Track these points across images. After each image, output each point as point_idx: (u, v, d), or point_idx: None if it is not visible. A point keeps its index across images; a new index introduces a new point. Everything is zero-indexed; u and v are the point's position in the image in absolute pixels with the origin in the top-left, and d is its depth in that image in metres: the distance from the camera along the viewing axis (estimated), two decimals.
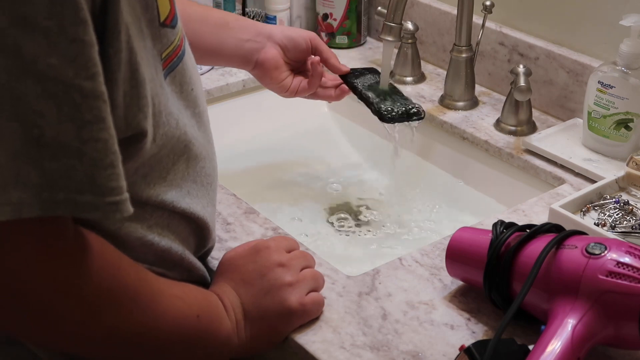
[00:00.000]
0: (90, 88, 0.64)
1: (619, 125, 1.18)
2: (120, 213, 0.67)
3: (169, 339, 0.80)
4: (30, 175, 0.63)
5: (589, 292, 0.79)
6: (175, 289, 0.81)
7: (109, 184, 0.66)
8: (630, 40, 1.14)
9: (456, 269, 0.95)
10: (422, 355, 0.86)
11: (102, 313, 0.73)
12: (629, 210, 1.07)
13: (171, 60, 0.79)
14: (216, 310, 0.85)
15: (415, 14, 1.50)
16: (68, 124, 0.64)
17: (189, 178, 0.86)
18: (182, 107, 0.83)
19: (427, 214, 1.28)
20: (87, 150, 0.65)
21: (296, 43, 1.18)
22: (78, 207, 0.65)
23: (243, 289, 0.88)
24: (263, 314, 0.87)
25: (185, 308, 0.81)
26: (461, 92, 1.37)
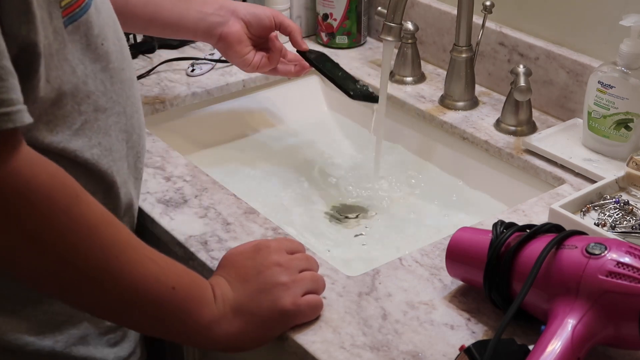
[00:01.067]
0: None
1: (619, 126, 1.18)
2: (12, 122, 0.68)
3: (133, 295, 0.78)
4: None
5: (589, 292, 0.79)
6: (154, 254, 0.80)
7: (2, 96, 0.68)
8: (630, 40, 1.14)
9: (456, 269, 0.95)
10: (422, 355, 0.86)
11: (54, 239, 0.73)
12: (629, 210, 1.07)
13: (72, 10, 0.81)
14: (200, 292, 0.84)
15: (415, 14, 1.50)
16: None
17: (100, 130, 0.86)
18: (88, 60, 0.84)
19: (427, 214, 1.28)
20: None
21: (259, 19, 1.21)
22: None
23: (238, 284, 0.87)
24: (254, 310, 0.86)
25: (160, 274, 0.79)
26: (461, 92, 1.37)
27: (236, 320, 0.86)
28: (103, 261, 0.76)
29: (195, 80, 1.43)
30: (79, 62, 0.83)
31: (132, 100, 0.93)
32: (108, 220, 0.78)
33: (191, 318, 0.83)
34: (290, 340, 0.89)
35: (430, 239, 1.09)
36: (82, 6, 0.82)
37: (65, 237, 0.73)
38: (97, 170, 0.86)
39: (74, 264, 0.74)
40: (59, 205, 0.72)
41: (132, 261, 0.78)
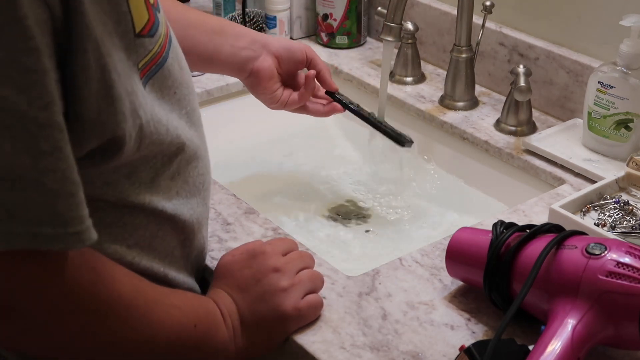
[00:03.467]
0: (45, 118, 0.63)
1: (619, 126, 1.18)
2: (82, 242, 0.67)
3: (165, 348, 0.80)
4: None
5: (589, 292, 0.79)
6: (173, 297, 0.81)
7: (68, 213, 0.66)
8: (630, 41, 1.14)
9: (456, 269, 0.95)
10: (422, 355, 0.86)
11: (97, 325, 0.73)
12: (629, 210, 1.07)
13: (149, 68, 0.78)
14: (213, 319, 0.85)
15: (415, 14, 1.50)
16: (24, 156, 0.63)
17: (180, 178, 0.85)
18: (168, 111, 0.82)
19: (427, 214, 1.28)
20: (44, 181, 0.64)
21: (293, 54, 1.17)
22: (38, 239, 0.65)
23: (239, 295, 0.87)
24: (259, 320, 0.87)
25: (183, 317, 0.81)
26: (461, 92, 1.37)
27: (244, 333, 0.87)
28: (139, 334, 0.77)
29: (195, 81, 1.43)
30: (167, 117, 0.81)
31: (204, 140, 0.91)
32: (135, 286, 0.77)
33: (210, 345, 0.84)
34: (290, 341, 0.89)
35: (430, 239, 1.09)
36: (159, 62, 0.80)
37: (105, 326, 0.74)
38: (180, 220, 0.86)
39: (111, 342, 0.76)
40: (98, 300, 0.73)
41: (158, 318, 0.78)
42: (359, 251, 1.21)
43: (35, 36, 0.62)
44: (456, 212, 1.27)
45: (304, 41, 1.62)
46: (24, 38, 0.62)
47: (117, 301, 0.74)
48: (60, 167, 0.65)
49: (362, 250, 1.21)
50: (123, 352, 0.77)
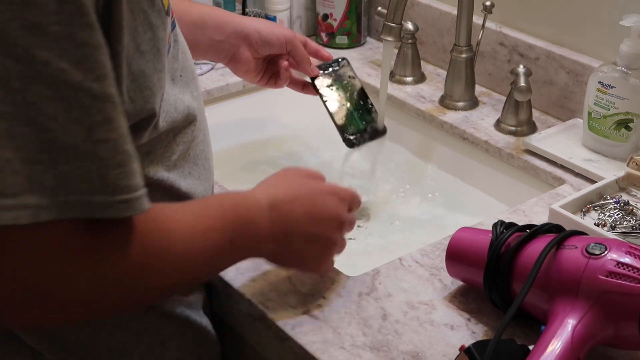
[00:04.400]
0: (99, 90, 0.65)
1: (619, 126, 1.18)
2: (132, 210, 0.68)
3: (204, 269, 0.82)
4: (45, 179, 0.64)
5: (589, 292, 0.79)
6: (209, 219, 0.81)
7: (119, 182, 0.67)
8: (630, 41, 1.14)
9: (456, 269, 0.95)
10: (422, 355, 0.86)
11: (140, 287, 0.74)
12: (629, 210, 1.07)
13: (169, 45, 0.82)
14: (248, 230, 0.84)
15: (415, 14, 1.50)
16: (78, 127, 0.65)
17: (190, 160, 0.88)
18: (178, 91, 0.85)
19: (427, 214, 1.28)
20: (97, 151, 0.66)
21: (269, 44, 1.20)
22: (91, 208, 0.66)
23: (300, 210, 0.88)
24: (292, 254, 0.89)
25: (220, 239, 0.81)
26: (461, 92, 1.37)
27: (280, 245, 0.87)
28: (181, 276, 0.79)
29: None
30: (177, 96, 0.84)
31: (206, 125, 0.94)
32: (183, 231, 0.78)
33: (243, 254, 0.86)
34: (290, 341, 0.89)
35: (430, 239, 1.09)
36: (171, 42, 0.83)
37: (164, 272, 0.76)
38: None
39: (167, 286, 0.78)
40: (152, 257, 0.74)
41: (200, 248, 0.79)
42: (359, 251, 1.20)
43: (89, 13, 0.65)
44: (456, 212, 1.27)
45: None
46: (80, 14, 0.64)
47: (172, 252, 0.75)
48: (112, 138, 0.66)
49: (362, 250, 1.21)
50: (163, 293, 0.81)
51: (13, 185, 0.63)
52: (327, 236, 0.90)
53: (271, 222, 0.85)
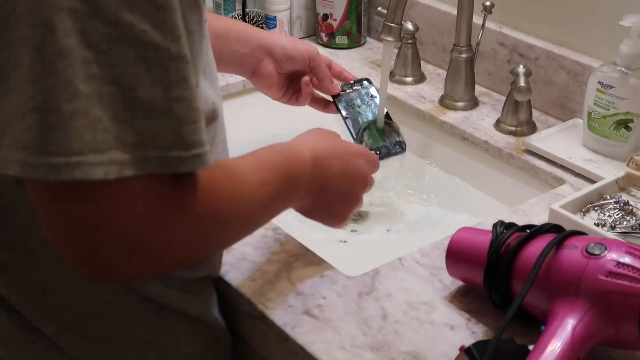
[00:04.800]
0: (176, 50, 0.69)
1: (619, 126, 1.18)
2: (203, 164, 0.71)
3: (260, 219, 0.87)
4: (127, 135, 0.67)
5: (589, 292, 0.79)
6: (267, 173, 0.86)
7: (192, 137, 0.70)
8: (630, 41, 1.14)
9: (456, 269, 0.95)
10: (422, 355, 0.86)
11: (213, 236, 0.79)
12: (629, 210, 1.07)
13: None
14: (296, 182, 0.91)
15: (415, 14, 1.50)
16: (157, 85, 0.68)
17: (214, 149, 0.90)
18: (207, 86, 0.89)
19: (427, 214, 1.28)
20: (174, 108, 0.69)
21: (293, 60, 1.21)
22: (168, 163, 0.69)
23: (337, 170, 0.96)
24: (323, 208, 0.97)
25: (273, 191, 0.86)
26: (461, 92, 1.37)
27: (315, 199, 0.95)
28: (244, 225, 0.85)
29: None
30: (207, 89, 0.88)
31: (224, 126, 0.99)
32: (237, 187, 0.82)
33: (288, 203, 0.92)
34: (290, 341, 0.89)
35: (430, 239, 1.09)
36: None
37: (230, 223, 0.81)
38: None
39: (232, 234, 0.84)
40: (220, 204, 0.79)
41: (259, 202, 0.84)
42: (358, 251, 1.20)
43: None
44: (456, 212, 1.27)
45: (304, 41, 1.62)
46: None
47: (239, 203, 0.80)
48: (186, 96, 0.70)
49: (362, 250, 1.21)
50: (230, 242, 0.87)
51: (103, 142, 0.66)
52: (354, 194, 0.99)
53: (312, 177, 0.92)
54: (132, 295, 0.89)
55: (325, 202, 0.96)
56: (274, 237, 1.05)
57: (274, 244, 1.04)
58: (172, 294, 0.91)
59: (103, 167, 0.66)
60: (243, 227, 0.84)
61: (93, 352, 0.90)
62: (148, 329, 0.91)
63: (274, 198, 0.86)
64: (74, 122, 0.65)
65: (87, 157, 0.65)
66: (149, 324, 0.91)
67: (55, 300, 0.87)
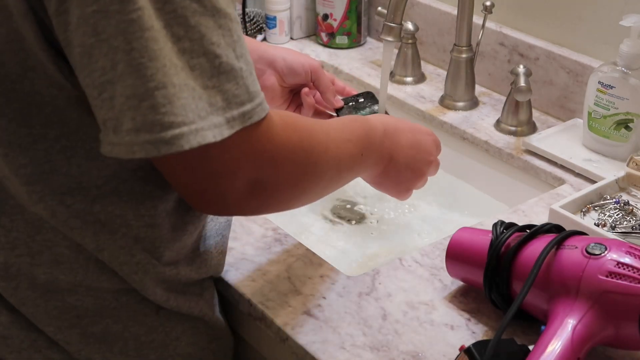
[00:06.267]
0: (233, 14, 0.75)
1: (619, 126, 1.18)
2: (264, 111, 0.77)
3: (344, 174, 0.92)
4: (217, 100, 0.73)
5: (589, 292, 0.79)
6: (345, 132, 0.92)
7: (254, 88, 0.76)
8: (630, 41, 1.14)
9: (456, 269, 0.95)
10: (422, 355, 0.86)
11: (307, 172, 0.85)
12: (629, 210, 1.07)
13: None
14: (372, 144, 0.95)
15: (415, 14, 1.50)
16: (230, 48, 0.74)
17: None
18: None
19: (427, 214, 1.28)
20: (241, 65, 0.75)
21: (295, 72, 1.20)
22: (245, 117, 0.75)
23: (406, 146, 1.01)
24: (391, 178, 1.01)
25: (354, 149, 0.92)
26: (461, 92, 1.37)
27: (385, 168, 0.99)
28: (332, 169, 0.89)
29: None
30: None
31: None
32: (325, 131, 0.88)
33: (366, 166, 0.96)
34: (290, 340, 0.89)
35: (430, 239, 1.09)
36: None
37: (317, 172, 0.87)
38: None
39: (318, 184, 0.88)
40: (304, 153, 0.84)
41: (341, 154, 0.90)
42: (358, 251, 1.21)
43: None
44: (456, 212, 1.27)
45: (304, 41, 1.62)
46: None
47: (317, 148, 0.85)
48: (245, 52, 0.76)
49: (362, 250, 1.21)
50: (320, 185, 0.89)
51: (202, 109, 0.72)
52: (420, 168, 1.04)
53: (383, 145, 0.97)
54: (131, 295, 0.89)
55: (393, 172, 1.00)
56: (274, 237, 1.05)
57: (274, 244, 1.04)
58: (174, 297, 0.91)
59: (211, 131, 0.72)
60: (336, 171, 0.90)
61: (93, 352, 0.90)
62: (148, 329, 0.91)
63: (356, 155, 0.92)
64: (183, 94, 0.71)
65: (198, 124, 0.71)
66: (148, 324, 0.91)
67: (55, 300, 0.87)
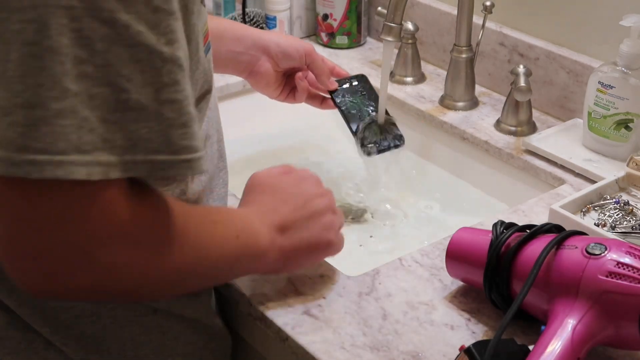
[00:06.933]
0: (169, 53, 0.69)
1: (619, 126, 1.18)
2: (192, 170, 0.71)
3: (215, 263, 0.83)
4: (116, 137, 0.67)
5: (589, 292, 0.79)
6: (214, 215, 0.85)
7: (182, 142, 0.70)
8: (630, 41, 1.14)
9: (456, 269, 0.95)
10: (422, 355, 0.86)
11: (166, 256, 0.76)
12: (629, 210, 1.07)
13: (207, 39, 0.84)
14: (252, 228, 0.87)
15: (415, 14, 1.50)
16: (149, 88, 0.68)
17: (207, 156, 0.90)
18: None
19: (427, 214, 1.28)
20: (164, 111, 0.69)
21: (289, 57, 1.21)
22: (155, 167, 0.69)
23: (284, 208, 0.90)
24: (304, 234, 0.91)
25: (226, 231, 0.84)
26: (461, 92, 1.37)
27: (283, 243, 0.89)
28: (194, 256, 0.80)
29: None
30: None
31: (220, 125, 0.97)
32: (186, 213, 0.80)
33: (251, 253, 0.86)
34: (290, 340, 0.89)
35: (430, 239, 1.09)
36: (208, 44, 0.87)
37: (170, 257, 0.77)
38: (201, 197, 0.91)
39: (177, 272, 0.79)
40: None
41: (206, 237, 0.81)
42: (358, 251, 1.21)
43: None
44: (456, 212, 1.27)
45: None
46: None
47: (177, 231, 0.77)
48: (177, 99, 0.70)
49: (362, 250, 1.21)
50: (181, 275, 0.80)
51: (89, 143, 0.65)
52: (321, 245, 0.93)
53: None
54: None
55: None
56: None
57: None
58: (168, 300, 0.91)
59: (87, 168, 0.65)
60: (212, 272, 0.83)
61: (90, 352, 0.89)
62: (144, 329, 0.91)
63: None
64: (60, 120, 0.64)
65: (70, 157, 0.64)
66: (145, 324, 0.91)
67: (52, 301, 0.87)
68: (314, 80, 1.24)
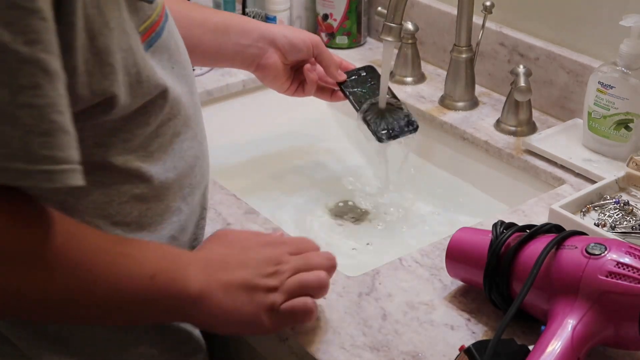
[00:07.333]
0: (28, 54, 0.64)
1: (619, 126, 1.18)
2: (52, 182, 0.66)
3: (114, 298, 0.76)
4: None
5: (589, 292, 0.79)
6: (128, 248, 0.78)
7: (41, 151, 0.65)
8: (630, 41, 1.14)
9: (456, 269, 0.95)
10: (422, 355, 0.86)
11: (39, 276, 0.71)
12: (629, 210, 1.07)
13: (149, 35, 0.80)
14: (178, 273, 0.79)
15: (415, 14, 1.50)
16: (4, 89, 0.63)
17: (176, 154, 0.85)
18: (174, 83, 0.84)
19: (427, 214, 1.28)
20: (20, 115, 0.64)
21: (297, 49, 1.19)
22: (9, 175, 0.64)
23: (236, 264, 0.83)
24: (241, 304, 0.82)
25: (136, 268, 0.77)
26: (461, 92, 1.37)
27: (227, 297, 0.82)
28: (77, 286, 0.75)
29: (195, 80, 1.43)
30: (173, 85, 0.83)
31: (201, 126, 0.93)
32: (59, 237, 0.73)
33: (174, 298, 0.79)
34: (290, 340, 0.89)
35: (430, 239, 1.09)
36: (158, 30, 0.82)
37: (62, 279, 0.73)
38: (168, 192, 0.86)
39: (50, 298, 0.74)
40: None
41: (102, 270, 0.75)
42: (358, 251, 1.21)
43: None
44: (456, 212, 1.27)
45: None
46: None
47: (47, 249, 0.71)
48: (38, 104, 0.64)
49: (362, 250, 1.21)
50: (63, 304, 0.75)
51: None
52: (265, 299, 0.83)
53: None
54: None
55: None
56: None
57: None
58: None
59: None
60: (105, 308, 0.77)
61: (45, 349, 0.85)
62: (106, 328, 0.86)
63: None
64: None
65: None
66: None
67: None
68: (323, 73, 1.23)
